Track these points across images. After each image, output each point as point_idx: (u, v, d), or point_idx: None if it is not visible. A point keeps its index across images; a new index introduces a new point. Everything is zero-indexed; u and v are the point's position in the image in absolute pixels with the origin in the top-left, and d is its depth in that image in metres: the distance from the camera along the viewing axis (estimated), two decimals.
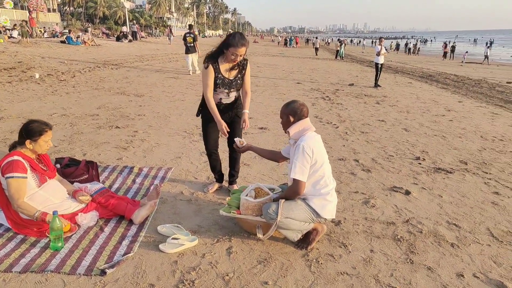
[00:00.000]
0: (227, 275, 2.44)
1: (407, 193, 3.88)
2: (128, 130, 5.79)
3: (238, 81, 3.35)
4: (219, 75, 3.25)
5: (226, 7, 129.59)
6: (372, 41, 58.72)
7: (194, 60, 13.34)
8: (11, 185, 2.60)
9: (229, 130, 3.33)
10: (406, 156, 5.18)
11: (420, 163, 4.87)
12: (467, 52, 31.36)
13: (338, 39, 35.28)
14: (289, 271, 2.51)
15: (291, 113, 2.77)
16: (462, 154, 5.38)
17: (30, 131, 2.75)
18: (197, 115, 3.60)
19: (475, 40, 72.84)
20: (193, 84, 11.25)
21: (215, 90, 3.30)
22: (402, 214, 3.43)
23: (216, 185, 3.74)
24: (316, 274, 2.50)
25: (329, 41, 59.74)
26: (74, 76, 11.31)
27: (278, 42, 56.07)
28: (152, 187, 3.25)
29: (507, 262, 2.73)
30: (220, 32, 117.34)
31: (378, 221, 3.28)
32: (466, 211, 3.54)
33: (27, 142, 2.74)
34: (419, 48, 44.65)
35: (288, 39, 48.57)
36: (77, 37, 22.89)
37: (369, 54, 35.60)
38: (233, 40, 3.07)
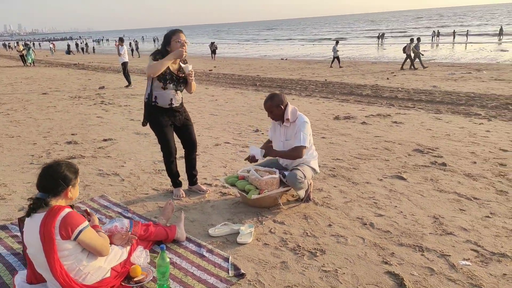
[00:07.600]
0: (307, 232, 2.95)
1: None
2: None
3: (182, 82, 3.47)
4: (168, 71, 3.33)
5: None
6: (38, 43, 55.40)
7: None
8: (88, 238, 2.07)
9: (186, 54, 3.35)
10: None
11: None
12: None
13: (19, 43, 30.90)
14: (331, 215, 3.23)
15: (280, 102, 3.38)
16: (317, 126, 6.89)
17: (67, 176, 2.11)
18: (144, 125, 3.52)
19: (143, 38, 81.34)
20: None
21: (164, 88, 3.34)
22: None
23: (181, 190, 3.71)
24: (342, 209, 3.37)
25: None
26: None
27: None
28: (165, 204, 3.00)
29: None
30: None
31: None
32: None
33: (69, 189, 2.11)
34: (93, 47, 49.19)
35: None
36: None
37: (59, 57, 33.38)
38: (170, 33, 3.32)
